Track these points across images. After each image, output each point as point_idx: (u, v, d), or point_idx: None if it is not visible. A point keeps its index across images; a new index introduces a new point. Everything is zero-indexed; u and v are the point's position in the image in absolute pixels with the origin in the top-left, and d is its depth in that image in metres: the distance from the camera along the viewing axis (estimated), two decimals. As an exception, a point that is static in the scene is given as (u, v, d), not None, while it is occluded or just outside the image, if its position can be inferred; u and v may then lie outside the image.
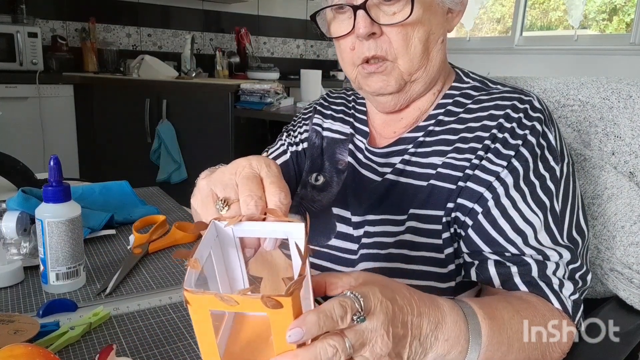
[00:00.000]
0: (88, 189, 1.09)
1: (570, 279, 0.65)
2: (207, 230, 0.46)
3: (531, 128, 0.68)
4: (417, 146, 0.75)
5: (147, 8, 3.66)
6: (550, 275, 0.64)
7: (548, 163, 0.68)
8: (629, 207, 0.79)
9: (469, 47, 4.21)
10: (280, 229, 0.46)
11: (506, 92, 0.73)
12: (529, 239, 0.65)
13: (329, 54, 4.80)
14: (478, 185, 0.67)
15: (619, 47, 3.40)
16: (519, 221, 0.65)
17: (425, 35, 0.71)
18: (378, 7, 0.70)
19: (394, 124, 0.80)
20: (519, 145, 0.67)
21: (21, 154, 1.24)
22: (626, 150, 0.83)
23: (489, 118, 0.71)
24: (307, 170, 0.88)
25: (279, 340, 0.40)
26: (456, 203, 0.68)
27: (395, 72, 0.72)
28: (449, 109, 0.76)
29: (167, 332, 0.61)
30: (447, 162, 0.71)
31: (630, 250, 0.79)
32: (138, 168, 2.96)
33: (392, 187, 0.75)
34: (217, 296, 0.37)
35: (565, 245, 0.66)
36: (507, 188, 0.66)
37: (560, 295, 0.63)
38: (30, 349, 0.45)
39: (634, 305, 0.79)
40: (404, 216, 0.71)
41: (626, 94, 0.84)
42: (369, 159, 0.80)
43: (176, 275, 0.78)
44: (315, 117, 0.91)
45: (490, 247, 0.66)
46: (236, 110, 2.73)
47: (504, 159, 0.67)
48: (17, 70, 2.82)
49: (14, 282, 0.72)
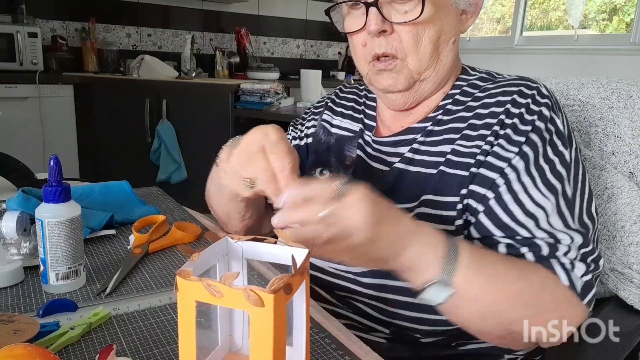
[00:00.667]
0: (88, 189, 1.09)
1: (582, 261, 0.64)
2: (218, 242, 0.48)
3: (539, 113, 0.69)
4: (426, 135, 0.75)
5: (147, 8, 3.66)
6: (561, 257, 0.64)
7: (557, 148, 0.68)
8: (629, 207, 0.79)
9: (469, 47, 4.21)
10: (286, 252, 0.47)
11: (512, 80, 0.74)
12: (540, 222, 0.65)
13: (329, 54, 4.80)
14: (491, 172, 0.68)
15: (619, 47, 3.40)
16: (530, 205, 0.65)
17: (436, 35, 0.71)
18: (390, 4, 0.70)
19: (403, 119, 0.81)
20: (528, 131, 0.68)
21: (21, 154, 1.23)
22: (626, 150, 0.83)
23: (496, 105, 0.71)
24: (311, 164, 0.88)
25: (255, 341, 0.40)
26: (469, 189, 0.68)
27: (404, 71, 0.73)
28: (456, 99, 0.76)
29: (167, 332, 0.61)
30: (455, 149, 0.71)
31: (630, 250, 0.79)
32: (138, 168, 2.96)
33: (402, 176, 0.75)
34: (204, 282, 0.39)
35: (577, 229, 0.66)
36: (518, 174, 0.66)
37: (570, 274, 0.63)
38: (30, 349, 0.45)
39: (634, 305, 0.79)
40: (415, 203, 0.72)
41: (626, 94, 0.84)
42: (377, 150, 0.81)
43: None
44: (325, 112, 0.92)
45: (502, 231, 0.66)
46: (236, 110, 2.73)
47: (515, 145, 0.67)
48: (17, 70, 2.82)
49: (14, 282, 0.71)
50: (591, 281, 0.64)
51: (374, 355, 0.57)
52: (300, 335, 0.47)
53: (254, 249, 0.50)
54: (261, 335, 0.39)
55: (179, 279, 0.40)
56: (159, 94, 2.87)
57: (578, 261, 0.64)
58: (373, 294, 0.73)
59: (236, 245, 0.50)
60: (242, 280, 0.52)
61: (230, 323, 0.53)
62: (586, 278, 0.64)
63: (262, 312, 0.38)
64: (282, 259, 0.48)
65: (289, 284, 0.39)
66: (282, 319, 0.39)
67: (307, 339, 0.47)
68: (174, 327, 0.62)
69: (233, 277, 0.39)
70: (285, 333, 0.41)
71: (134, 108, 2.91)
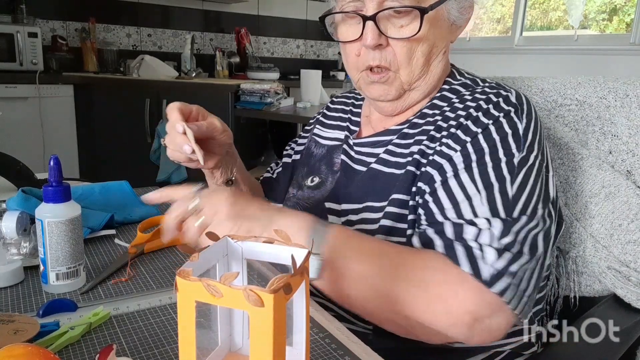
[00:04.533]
0: (88, 189, 1.09)
1: (497, 249, 0.60)
2: (218, 243, 0.48)
3: (495, 118, 0.69)
4: (402, 137, 0.77)
5: (147, 8, 3.66)
6: (469, 240, 0.61)
7: (509, 149, 0.67)
8: (626, 205, 0.80)
9: (469, 47, 4.21)
10: (286, 252, 0.48)
11: (487, 87, 0.75)
12: (462, 210, 0.64)
13: (329, 54, 4.80)
14: (432, 168, 0.69)
15: (619, 47, 3.40)
16: (459, 195, 0.65)
17: (428, 49, 0.73)
18: (387, 19, 0.71)
19: (388, 120, 0.82)
20: (477, 132, 0.68)
21: (21, 154, 1.24)
22: (623, 149, 0.84)
23: (463, 109, 0.72)
24: (304, 175, 0.91)
25: (255, 341, 0.40)
26: (417, 186, 0.70)
27: (396, 82, 0.75)
28: (433, 103, 0.77)
29: (167, 332, 0.61)
30: (421, 149, 0.73)
31: (627, 248, 0.79)
32: (138, 168, 2.96)
33: (376, 176, 0.77)
34: (204, 282, 0.39)
35: (502, 218, 0.62)
36: (456, 169, 0.67)
37: (476, 259, 0.59)
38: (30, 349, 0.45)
39: (631, 302, 0.79)
40: (385, 202, 0.73)
41: (623, 93, 0.84)
42: (358, 152, 0.83)
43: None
44: (316, 127, 0.96)
45: (427, 220, 0.67)
46: (236, 110, 2.73)
47: (460, 144, 0.68)
48: (17, 70, 2.82)
49: (14, 282, 0.72)
50: (505, 270, 0.59)
51: (374, 355, 0.57)
52: (300, 335, 0.47)
53: (254, 249, 0.50)
54: (261, 335, 0.39)
55: (178, 279, 0.40)
56: (159, 94, 2.87)
57: (489, 247, 0.60)
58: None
59: (236, 245, 0.50)
60: (242, 280, 0.52)
61: (230, 323, 0.53)
62: (499, 265, 0.59)
63: (262, 312, 0.38)
64: (281, 258, 0.48)
65: (288, 284, 0.40)
66: (282, 319, 0.40)
67: (307, 339, 0.47)
68: (174, 327, 0.62)
69: (233, 277, 0.39)
70: (285, 333, 0.41)
71: (134, 108, 2.91)
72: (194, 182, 0.69)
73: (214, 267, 0.49)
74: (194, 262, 0.44)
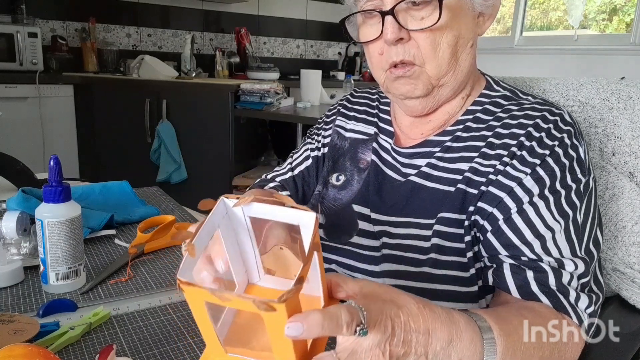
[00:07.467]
0: (88, 189, 1.09)
1: (582, 291, 0.64)
2: (214, 210, 0.44)
3: (560, 140, 0.68)
4: (445, 151, 0.75)
5: (147, 8, 3.66)
6: (567, 286, 0.63)
7: (576, 175, 0.67)
8: (630, 207, 0.79)
9: (469, 47, 4.21)
10: (291, 214, 0.44)
11: (537, 104, 0.73)
12: (547, 243, 0.64)
13: (328, 54, 4.80)
14: (499, 190, 0.67)
15: (619, 47, 3.40)
16: (540, 226, 0.65)
17: (454, 40, 0.70)
18: (406, 12, 0.70)
19: (422, 126, 0.80)
20: (545, 155, 0.67)
21: (21, 154, 1.24)
22: (626, 151, 0.83)
23: (517, 126, 0.70)
24: (329, 170, 0.88)
25: (274, 338, 0.39)
26: (476, 206, 0.68)
27: (423, 77, 0.72)
28: (477, 116, 0.75)
29: (167, 332, 0.61)
30: (473, 166, 0.70)
31: (632, 250, 0.79)
32: (138, 168, 2.96)
33: (418, 190, 0.75)
34: (210, 291, 0.37)
35: (582, 257, 0.65)
36: (531, 195, 0.66)
37: (576, 309, 0.63)
38: (30, 349, 0.45)
39: (636, 305, 0.79)
40: (432, 220, 0.71)
41: (626, 95, 0.84)
42: (394, 159, 0.81)
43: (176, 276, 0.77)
44: (338, 119, 0.92)
45: (507, 250, 0.66)
46: (236, 110, 2.73)
47: (528, 166, 0.67)
48: (17, 70, 2.81)
49: (14, 282, 0.72)
50: (594, 313, 0.64)
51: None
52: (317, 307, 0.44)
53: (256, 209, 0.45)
54: (279, 334, 0.38)
55: (184, 288, 0.38)
56: (159, 94, 2.87)
57: (580, 292, 0.63)
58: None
59: (236, 209, 0.45)
60: (252, 247, 0.48)
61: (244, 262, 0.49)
62: (589, 310, 0.63)
63: (275, 315, 0.37)
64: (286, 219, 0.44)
65: (297, 287, 0.38)
66: (298, 312, 0.38)
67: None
68: (174, 327, 0.62)
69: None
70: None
71: (134, 108, 2.91)
72: (195, 182, 0.60)
73: (218, 234, 0.45)
74: (192, 258, 0.41)
